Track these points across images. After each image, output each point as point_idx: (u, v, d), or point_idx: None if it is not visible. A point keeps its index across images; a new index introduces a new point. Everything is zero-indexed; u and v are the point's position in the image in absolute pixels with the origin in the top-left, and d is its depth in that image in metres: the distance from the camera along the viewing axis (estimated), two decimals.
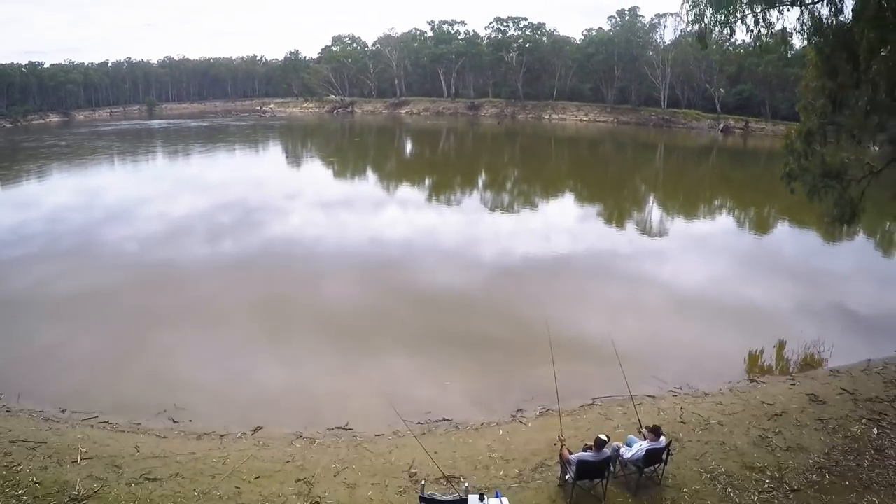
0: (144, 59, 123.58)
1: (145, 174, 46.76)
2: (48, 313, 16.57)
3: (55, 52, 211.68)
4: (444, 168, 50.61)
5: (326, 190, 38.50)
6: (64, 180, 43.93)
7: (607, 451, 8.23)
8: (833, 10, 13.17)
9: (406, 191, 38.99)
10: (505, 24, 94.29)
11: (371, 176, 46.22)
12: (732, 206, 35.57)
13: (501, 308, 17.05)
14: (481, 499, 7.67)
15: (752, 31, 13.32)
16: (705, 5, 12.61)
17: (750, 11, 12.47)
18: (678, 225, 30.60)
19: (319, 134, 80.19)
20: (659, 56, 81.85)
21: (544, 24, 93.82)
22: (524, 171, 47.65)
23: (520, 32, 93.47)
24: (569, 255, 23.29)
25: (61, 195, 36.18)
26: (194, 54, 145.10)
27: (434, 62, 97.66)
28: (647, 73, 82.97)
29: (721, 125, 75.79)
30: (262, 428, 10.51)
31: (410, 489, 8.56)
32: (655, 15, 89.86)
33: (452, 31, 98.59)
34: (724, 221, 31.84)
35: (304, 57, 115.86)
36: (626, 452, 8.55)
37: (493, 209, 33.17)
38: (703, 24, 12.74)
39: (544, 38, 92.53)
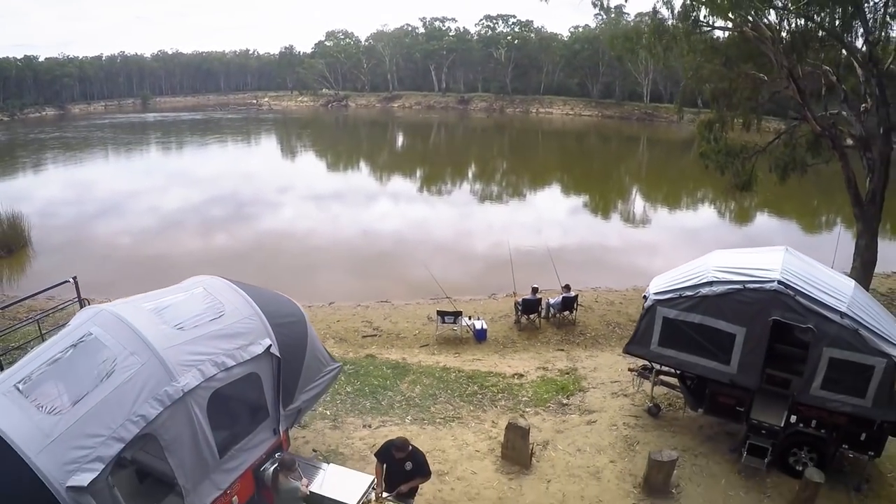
0: (138, 53, 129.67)
1: (166, 161, 53.57)
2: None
3: (46, 45, 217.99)
4: (438, 156, 57.68)
5: (343, 167, 45.67)
6: (105, 166, 50.77)
7: (539, 296, 15.20)
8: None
9: (411, 172, 46.04)
10: (494, 21, 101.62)
11: (379, 161, 53.16)
12: (683, 184, 42.85)
13: (481, 242, 24.82)
14: (469, 318, 14.60)
15: (654, 53, 20.36)
16: (620, 40, 19.89)
17: (648, 39, 19.46)
18: (641, 198, 37.87)
19: (325, 127, 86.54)
20: (642, 53, 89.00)
21: (532, 21, 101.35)
22: (512, 159, 54.80)
23: (508, 29, 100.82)
24: (545, 218, 30.44)
25: (125, 176, 43.69)
26: (186, 48, 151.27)
27: (426, 58, 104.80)
28: (630, 69, 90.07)
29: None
30: (334, 302, 17.49)
31: (428, 323, 15.50)
32: (638, 14, 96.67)
33: (443, 28, 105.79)
34: (676, 196, 39.21)
35: (299, 52, 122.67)
36: (551, 300, 15.52)
37: (485, 186, 40.29)
38: (618, 53, 19.95)
39: (532, 35, 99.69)
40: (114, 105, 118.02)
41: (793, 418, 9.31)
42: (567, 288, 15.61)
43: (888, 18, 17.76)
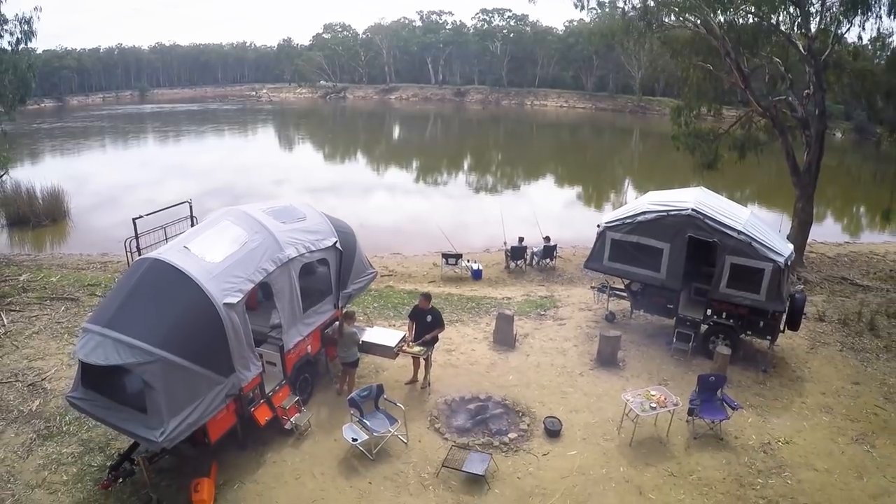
0: (136, 46, 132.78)
1: (165, 147, 56.98)
2: None
3: (40, 37, 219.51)
4: (435, 145, 61.30)
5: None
6: (105, 155, 53.97)
7: (525, 245, 18.81)
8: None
9: (411, 159, 49.63)
10: (490, 14, 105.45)
11: (380, 150, 56.71)
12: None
13: (477, 214, 28.16)
14: (468, 261, 18.19)
15: (625, 47, 24.00)
16: (597, 36, 23.59)
17: (620, 37, 23.13)
18: (622, 181, 41.56)
19: (324, 118, 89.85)
20: (649, 46, 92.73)
21: (527, 15, 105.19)
22: (507, 148, 58.47)
23: (504, 23, 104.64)
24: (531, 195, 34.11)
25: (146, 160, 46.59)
26: (183, 40, 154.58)
27: (422, 50, 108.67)
28: (623, 62, 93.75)
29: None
30: None
31: (434, 268, 19.10)
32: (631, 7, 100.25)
33: (440, 21, 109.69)
34: (658, 179, 42.85)
35: (297, 44, 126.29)
36: (535, 248, 19.13)
37: (482, 171, 43.91)
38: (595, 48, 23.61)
39: (527, 29, 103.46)
40: (111, 97, 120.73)
41: (709, 311, 12.91)
42: (547, 239, 19.29)
43: (840, 17, 21.24)
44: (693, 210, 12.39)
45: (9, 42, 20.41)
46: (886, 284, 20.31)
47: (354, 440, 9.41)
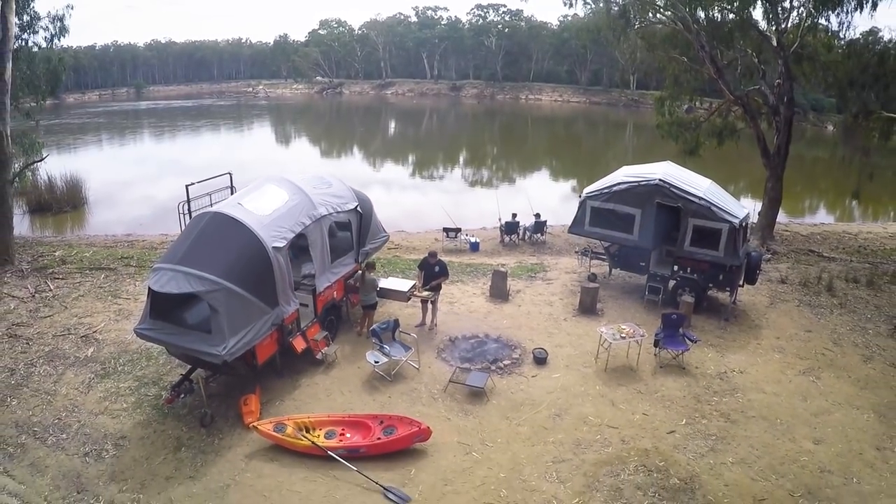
0: (131, 43, 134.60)
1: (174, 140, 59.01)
2: None
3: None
4: (431, 138, 63.48)
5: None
6: (100, 152, 55.90)
7: (517, 220, 21.07)
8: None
9: (410, 150, 51.85)
10: (485, 10, 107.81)
11: (379, 142, 58.89)
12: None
13: (474, 199, 30.25)
14: (466, 234, 20.43)
15: (610, 42, 26.19)
16: (585, 32, 25.83)
17: (606, 33, 25.40)
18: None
19: (321, 113, 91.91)
20: (629, 41, 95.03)
21: (522, 10, 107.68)
22: (502, 140, 60.69)
23: (499, 18, 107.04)
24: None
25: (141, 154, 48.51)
26: (179, 37, 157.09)
27: (418, 46, 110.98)
28: (618, 57, 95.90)
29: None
30: None
31: (435, 243, 21.35)
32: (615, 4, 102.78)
33: (435, 17, 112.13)
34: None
35: (293, 40, 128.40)
36: (526, 223, 21.39)
37: (479, 161, 46.15)
38: (584, 42, 25.84)
39: (522, 24, 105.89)
40: (107, 94, 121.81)
41: (675, 268, 15.16)
42: (538, 215, 21.56)
43: (813, 11, 23.42)
44: (660, 180, 14.63)
45: (44, 38, 22.28)
46: (851, 257, 22.41)
47: (376, 362, 11.63)
